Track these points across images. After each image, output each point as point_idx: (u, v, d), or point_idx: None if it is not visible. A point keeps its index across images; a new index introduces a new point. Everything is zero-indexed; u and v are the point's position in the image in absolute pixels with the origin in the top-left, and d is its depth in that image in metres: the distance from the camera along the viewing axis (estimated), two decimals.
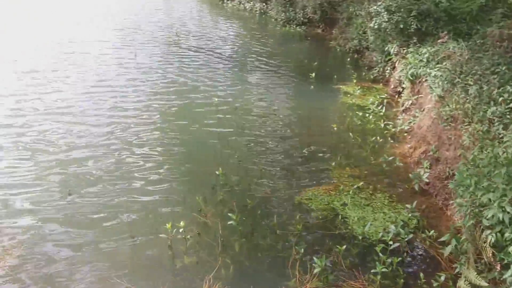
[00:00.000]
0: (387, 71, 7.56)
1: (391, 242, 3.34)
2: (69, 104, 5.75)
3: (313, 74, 7.72)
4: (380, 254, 3.23)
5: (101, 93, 6.22)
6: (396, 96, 6.88)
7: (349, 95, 7.01)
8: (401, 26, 6.93)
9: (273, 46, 9.94)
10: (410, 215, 3.83)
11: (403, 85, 6.68)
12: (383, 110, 6.18)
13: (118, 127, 5.19)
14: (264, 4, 13.84)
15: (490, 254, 2.84)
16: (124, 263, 3.09)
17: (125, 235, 3.36)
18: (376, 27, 7.47)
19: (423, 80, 5.92)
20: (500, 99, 4.17)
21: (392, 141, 5.37)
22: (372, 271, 3.10)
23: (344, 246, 3.30)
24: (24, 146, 4.67)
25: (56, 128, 5.07)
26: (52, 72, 7.00)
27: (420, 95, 5.94)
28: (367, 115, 6.07)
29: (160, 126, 5.30)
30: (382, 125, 5.76)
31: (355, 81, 7.52)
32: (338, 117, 6.04)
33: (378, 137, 5.29)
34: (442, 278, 3.05)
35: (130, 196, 3.85)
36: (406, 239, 3.45)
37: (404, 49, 7.00)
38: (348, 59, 8.77)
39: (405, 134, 5.55)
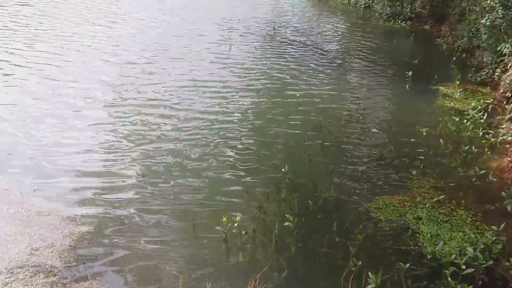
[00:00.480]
0: (497, 74, 6.69)
1: (464, 267, 2.94)
2: (163, 97, 5.86)
3: (410, 73, 7.15)
4: (449, 279, 2.86)
5: (190, 87, 6.26)
6: (504, 102, 6.07)
7: (448, 98, 6.36)
8: None
9: (372, 42, 9.43)
10: (494, 238, 3.33)
11: None
12: (485, 117, 5.48)
13: (204, 123, 5.16)
14: None
15: None
16: (177, 251, 3.15)
17: (187, 224, 3.42)
18: (488, 23, 6.65)
19: None
20: None
21: (489, 152, 4.74)
22: None
23: (408, 264, 2.98)
24: (118, 135, 4.88)
25: (148, 119, 5.18)
26: (149, 65, 7.22)
27: None
28: (465, 121, 5.43)
29: (240, 121, 5.29)
30: (481, 133, 5.10)
31: (458, 82, 6.80)
32: (431, 121, 5.50)
33: (473, 147, 4.70)
34: None
35: (198, 185, 3.90)
36: (484, 265, 3.00)
37: None
38: (454, 58, 7.97)
39: (507, 146, 4.86)
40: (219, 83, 6.32)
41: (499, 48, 6.79)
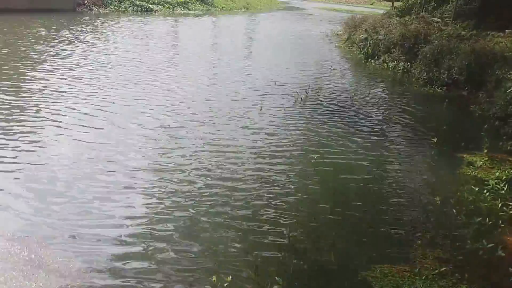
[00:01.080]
0: None
1: None
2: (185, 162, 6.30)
3: (435, 139, 7.14)
4: None
5: (212, 152, 6.68)
6: None
7: (472, 166, 6.25)
8: None
9: (402, 106, 9.51)
10: None
11: None
12: (506, 187, 5.33)
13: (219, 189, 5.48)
14: (408, 63, 13.39)
15: None
16: None
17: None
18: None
19: None
20: None
21: (504, 225, 4.58)
22: None
23: None
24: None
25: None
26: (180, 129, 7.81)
27: None
28: (484, 191, 5.32)
29: (254, 189, 5.45)
30: (499, 205, 4.97)
31: (485, 150, 6.67)
32: (448, 190, 5.42)
33: (487, 219, 4.58)
34: None
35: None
36: None
37: None
38: (486, 126, 7.84)
39: None
40: (243, 148, 6.32)
41: None
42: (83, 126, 6.43)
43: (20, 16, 16.86)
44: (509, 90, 7.06)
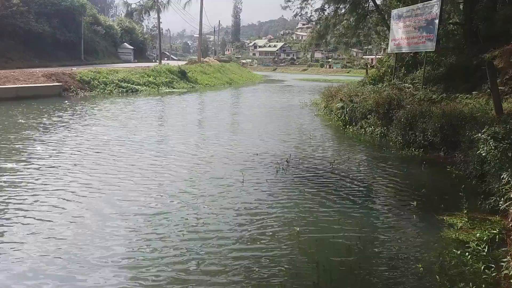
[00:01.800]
0: (501, 202, 6.62)
1: None
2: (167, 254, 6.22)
3: (415, 203, 7.21)
4: None
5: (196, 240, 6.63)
6: None
7: (452, 228, 6.27)
8: (510, 154, 6.22)
9: (382, 171, 9.68)
10: None
11: None
12: (486, 249, 5.32)
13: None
14: (384, 128, 13.84)
15: None
16: None
17: None
18: (483, 154, 6.82)
19: None
20: None
21: None
22: None
23: None
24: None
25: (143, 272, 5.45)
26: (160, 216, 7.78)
27: None
28: (466, 253, 5.29)
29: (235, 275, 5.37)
30: (482, 267, 4.93)
31: (465, 211, 6.73)
32: (431, 255, 5.38)
33: (471, 283, 4.52)
34: None
35: None
36: None
37: None
38: (464, 186, 7.97)
39: (511, 281, 4.63)
40: (225, 233, 6.11)
41: (502, 176, 6.85)
42: (54, 220, 6.16)
43: (3, 106, 17.29)
44: (481, 150, 7.27)
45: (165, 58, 56.50)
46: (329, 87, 23.42)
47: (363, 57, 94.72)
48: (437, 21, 14.97)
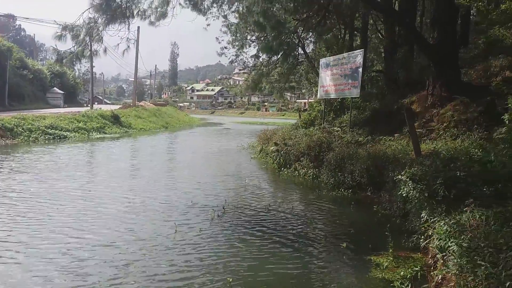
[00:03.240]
0: (422, 240, 7.04)
1: None
2: None
3: (345, 244, 7.46)
4: None
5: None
6: (432, 268, 6.26)
7: (379, 268, 6.53)
8: (426, 194, 6.71)
9: (314, 212, 9.95)
10: None
11: (437, 257, 6.13)
12: (410, 287, 5.59)
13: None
14: (316, 170, 14.35)
15: None
16: None
17: None
18: (404, 194, 7.31)
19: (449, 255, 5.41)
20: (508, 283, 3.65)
21: None
22: None
23: None
24: None
25: None
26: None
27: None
28: None
29: None
30: None
31: (391, 250, 7.06)
32: None
33: None
34: None
35: None
36: None
37: (433, 218, 6.63)
38: (389, 225, 8.39)
39: None
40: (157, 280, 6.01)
41: (421, 215, 7.32)
42: None
43: None
44: (402, 191, 7.77)
45: (96, 103, 55.00)
46: (265, 130, 24.05)
47: (297, 100, 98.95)
48: (360, 69, 16.22)
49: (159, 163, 18.40)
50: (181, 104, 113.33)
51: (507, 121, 9.00)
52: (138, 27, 46.32)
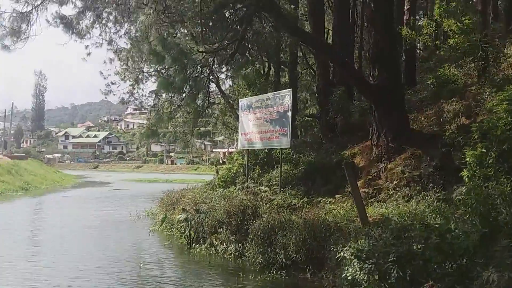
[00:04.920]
0: None
1: None
2: None
3: None
4: None
5: None
6: None
7: None
8: (376, 276, 7.06)
9: None
10: None
11: None
12: None
13: None
14: (240, 244, 14.35)
15: None
16: None
17: None
18: (349, 277, 7.59)
19: None
20: None
21: None
22: None
23: None
24: None
25: None
26: None
27: None
28: None
29: None
30: None
31: None
32: None
33: None
34: None
35: None
36: None
37: None
38: None
39: None
40: None
41: None
42: None
43: None
44: (346, 272, 8.05)
45: None
46: (170, 192, 23.85)
47: (214, 150, 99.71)
48: (290, 113, 16.93)
49: (15, 245, 16.88)
50: (49, 156, 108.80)
51: (466, 179, 9.84)
52: None
